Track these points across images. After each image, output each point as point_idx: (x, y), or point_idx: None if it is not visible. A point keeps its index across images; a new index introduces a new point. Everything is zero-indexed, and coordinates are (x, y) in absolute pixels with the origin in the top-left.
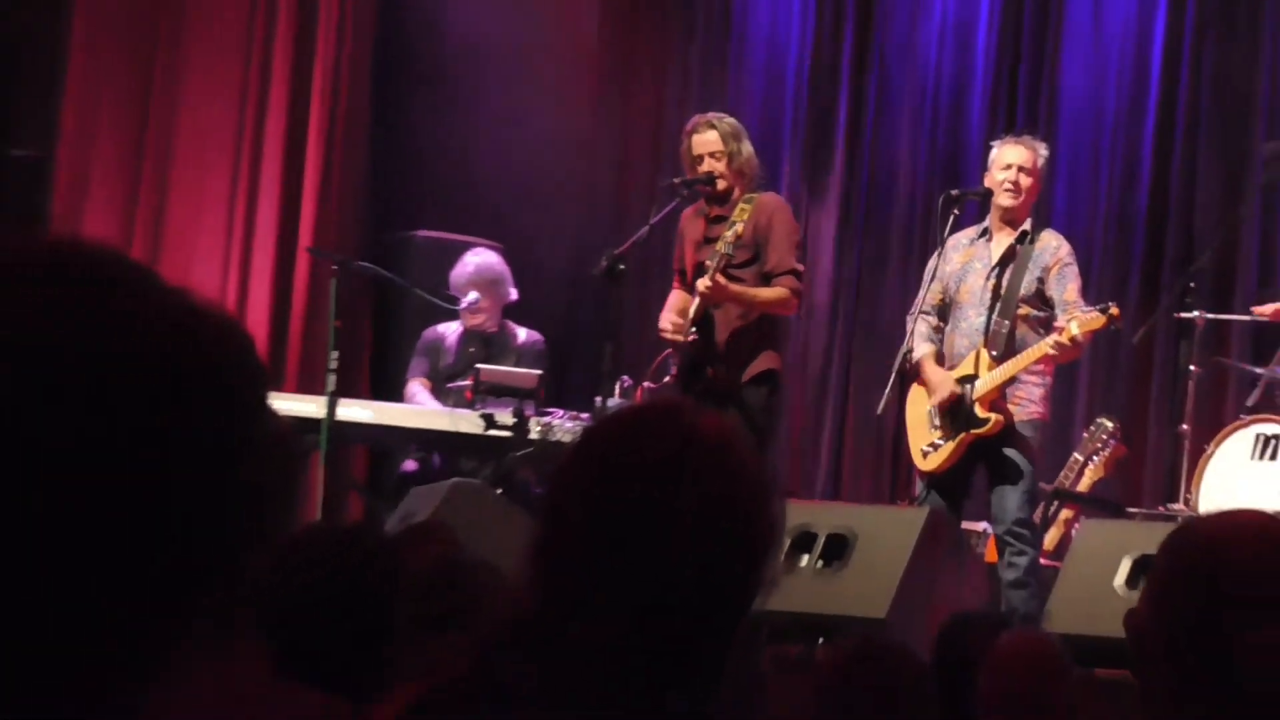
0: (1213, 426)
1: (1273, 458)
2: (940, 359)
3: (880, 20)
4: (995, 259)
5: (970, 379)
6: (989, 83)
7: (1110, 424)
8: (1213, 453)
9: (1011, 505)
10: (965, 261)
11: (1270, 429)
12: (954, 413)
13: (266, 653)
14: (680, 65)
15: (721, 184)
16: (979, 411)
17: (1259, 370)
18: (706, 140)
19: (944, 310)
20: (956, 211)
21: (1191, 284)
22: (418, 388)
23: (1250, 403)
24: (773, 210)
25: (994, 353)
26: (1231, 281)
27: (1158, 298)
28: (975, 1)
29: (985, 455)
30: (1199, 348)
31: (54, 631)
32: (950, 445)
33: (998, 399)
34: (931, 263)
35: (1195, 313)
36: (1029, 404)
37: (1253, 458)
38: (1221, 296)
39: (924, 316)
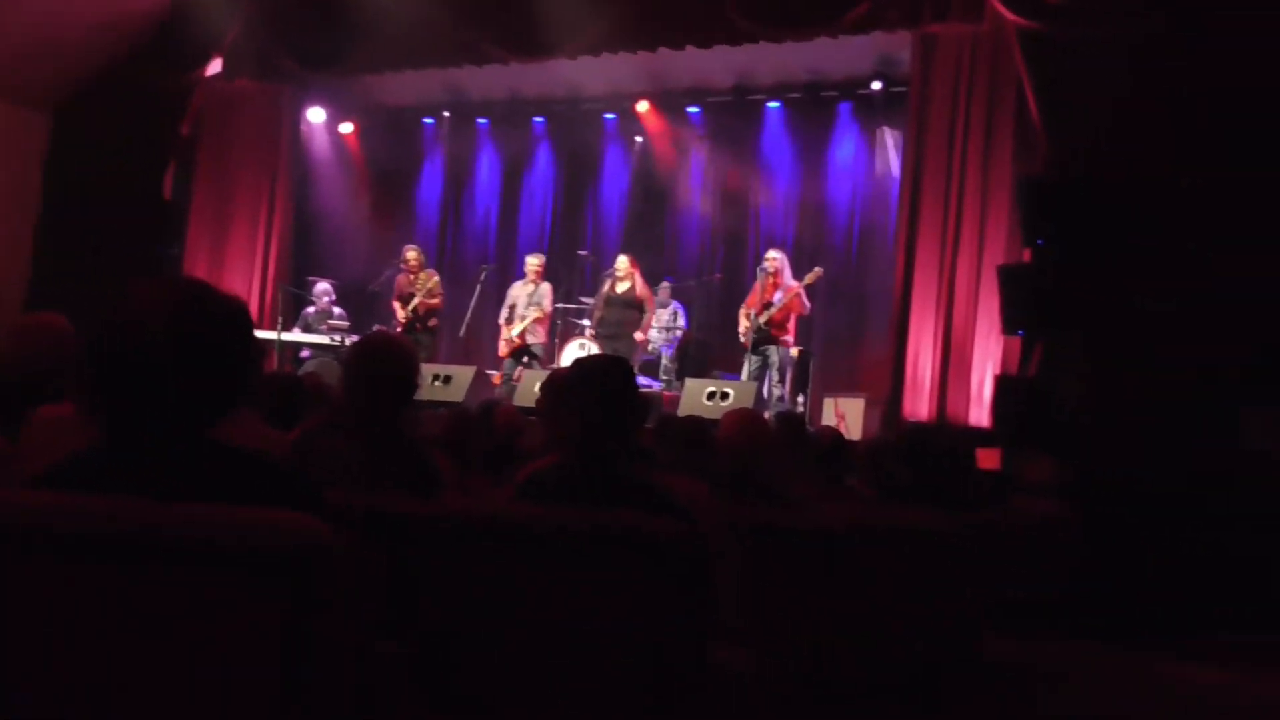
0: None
1: (582, 350)
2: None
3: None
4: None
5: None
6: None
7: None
8: (565, 349)
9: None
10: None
11: (582, 341)
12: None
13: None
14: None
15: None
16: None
17: (582, 322)
18: (408, 255)
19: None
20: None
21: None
22: (296, 328)
23: (577, 333)
24: (430, 275)
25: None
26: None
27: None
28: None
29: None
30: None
31: (218, 401)
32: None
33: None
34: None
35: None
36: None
37: (578, 350)
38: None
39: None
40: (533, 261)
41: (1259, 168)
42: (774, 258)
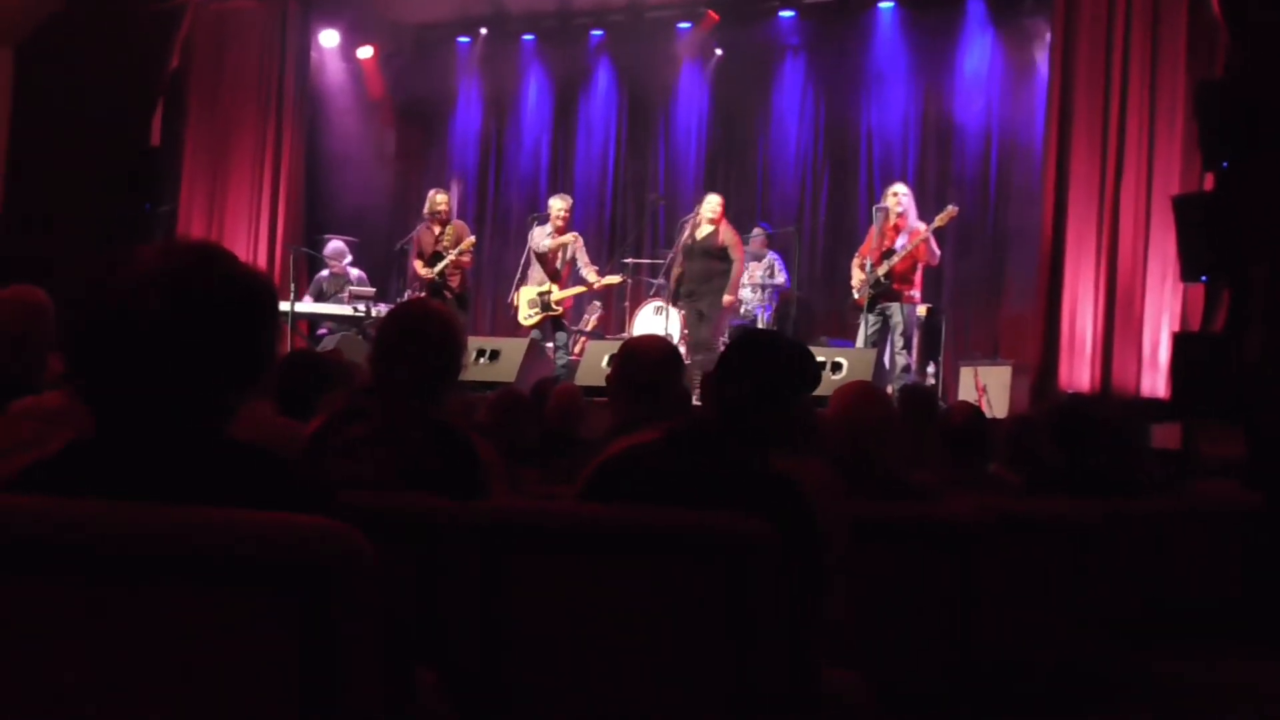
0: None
1: (659, 315)
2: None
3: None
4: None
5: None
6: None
7: (599, 304)
8: (637, 313)
9: (562, 337)
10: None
11: (657, 304)
12: (543, 304)
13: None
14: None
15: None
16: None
17: (656, 281)
18: (437, 200)
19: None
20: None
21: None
22: (308, 296)
23: (651, 294)
24: (461, 228)
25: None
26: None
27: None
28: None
29: (556, 320)
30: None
31: (230, 391)
32: (540, 315)
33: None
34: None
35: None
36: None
37: (654, 315)
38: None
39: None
40: (558, 205)
41: None
42: (897, 193)
